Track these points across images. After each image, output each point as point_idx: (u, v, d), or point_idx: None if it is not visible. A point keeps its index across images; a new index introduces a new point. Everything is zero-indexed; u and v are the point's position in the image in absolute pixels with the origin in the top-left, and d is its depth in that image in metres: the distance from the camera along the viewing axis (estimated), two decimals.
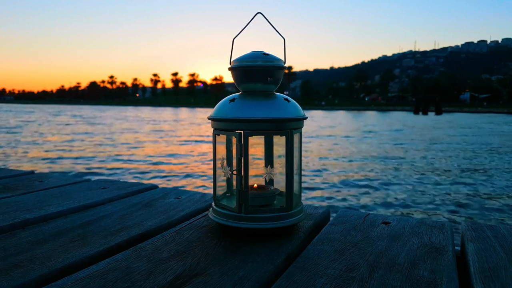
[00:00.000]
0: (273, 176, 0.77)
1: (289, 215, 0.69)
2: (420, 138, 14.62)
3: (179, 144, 12.02)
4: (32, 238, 0.68)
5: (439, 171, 7.55)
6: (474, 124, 25.19)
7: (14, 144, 11.39)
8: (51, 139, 12.92)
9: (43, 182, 1.13)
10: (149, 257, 0.60)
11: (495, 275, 0.54)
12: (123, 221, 0.77)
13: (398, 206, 5.00)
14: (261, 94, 0.71)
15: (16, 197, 0.95)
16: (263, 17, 0.71)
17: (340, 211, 0.85)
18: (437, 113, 45.89)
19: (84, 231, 0.71)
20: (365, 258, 0.60)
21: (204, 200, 0.93)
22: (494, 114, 50.88)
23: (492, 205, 5.09)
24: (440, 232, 0.72)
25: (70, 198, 0.93)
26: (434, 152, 10.45)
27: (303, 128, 0.72)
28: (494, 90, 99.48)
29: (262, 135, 0.76)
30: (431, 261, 0.59)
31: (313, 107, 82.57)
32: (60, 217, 0.80)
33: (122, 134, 15.46)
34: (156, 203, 0.90)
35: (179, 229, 0.73)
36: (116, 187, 1.06)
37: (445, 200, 5.34)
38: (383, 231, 0.73)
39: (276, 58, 0.71)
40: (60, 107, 73.02)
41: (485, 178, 6.98)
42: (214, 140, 0.73)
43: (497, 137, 15.54)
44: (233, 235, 0.69)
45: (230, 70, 0.72)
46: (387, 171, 7.45)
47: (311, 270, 0.56)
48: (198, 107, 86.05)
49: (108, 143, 12.02)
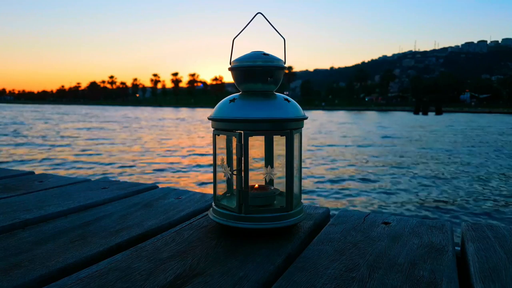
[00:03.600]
0: (273, 176, 0.77)
1: (289, 215, 0.69)
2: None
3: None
4: (32, 238, 0.68)
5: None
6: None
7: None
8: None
9: (43, 182, 1.13)
10: (149, 257, 0.60)
11: (495, 275, 0.54)
12: (123, 221, 0.77)
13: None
14: (261, 94, 0.71)
15: (16, 197, 0.95)
16: (263, 17, 0.71)
17: (340, 211, 0.85)
18: (437, 113, 45.89)
19: (84, 231, 0.71)
20: (365, 258, 0.60)
21: (204, 200, 0.93)
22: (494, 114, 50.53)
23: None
24: (440, 232, 0.72)
25: (70, 198, 0.93)
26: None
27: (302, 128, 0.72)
28: (494, 90, 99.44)
29: (262, 135, 0.76)
30: (431, 261, 0.59)
31: (314, 107, 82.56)
32: (60, 217, 0.80)
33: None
34: (156, 203, 0.90)
35: (179, 229, 0.73)
36: (116, 187, 1.06)
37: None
38: (383, 231, 0.73)
39: (276, 58, 0.71)
40: (67, 107, 71.68)
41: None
42: (214, 140, 0.73)
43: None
44: (233, 235, 0.69)
45: (230, 70, 0.72)
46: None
47: (311, 270, 0.56)
48: (198, 107, 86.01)
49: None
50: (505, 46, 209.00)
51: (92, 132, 16.67)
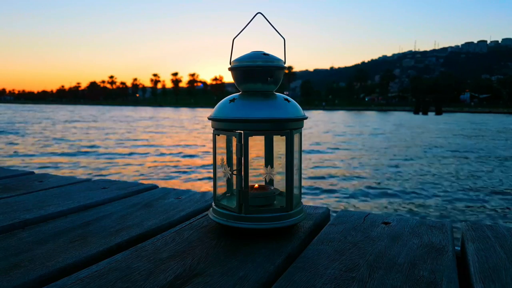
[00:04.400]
0: (273, 176, 0.77)
1: (289, 215, 0.69)
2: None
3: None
4: (32, 238, 0.68)
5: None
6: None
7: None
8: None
9: (43, 182, 1.13)
10: (149, 257, 0.60)
11: (495, 275, 0.54)
12: (123, 221, 0.77)
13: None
14: (261, 94, 0.71)
15: (16, 197, 0.95)
16: (263, 17, 0.71)
17: (340, 211, 0.85)
18: (437, 113, 45.89)
19: (84, 231, 0.71)
20: (365, 258, 0.60)
21: (204, 200, 0.93)
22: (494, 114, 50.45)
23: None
24: (440, 232, 0.72)
25: (70, 198, 0.93)
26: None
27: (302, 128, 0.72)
28: (494, 90, 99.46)
29: (262, 135, 0.76)
30: (431, 261, 0.59)
31: (314, 107, 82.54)
32: (60, 217, 0.80)
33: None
34: (156, 203, 0.90)
35: (179, 229, 0.73)
36: (116, 187, 1.06)
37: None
38: (383, 231, 0.73)
39: (276, 58, 0.71)
40: (69, 107, 70.79)
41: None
42: (214, 140, 0.73)
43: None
44: (233, 235, 0.69)
45: (230, 70, 0.72)
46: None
47: (311, 270, 0.56)
48: (198, 107, 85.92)
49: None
50: (505, 46, 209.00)
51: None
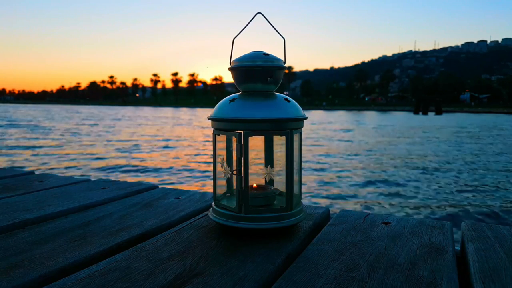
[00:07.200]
0: (273, 176, 0.77)
1: (289, 215, 0.69)
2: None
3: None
4: (32, 238, 0.68)
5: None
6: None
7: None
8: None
9: (43, 182, 1.13)
10: (149, 257, 0.60)
11: (495, 275, 0.54)
12: (123, 221, 0.77)
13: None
14: (261, 94, 0.71)
15: (16, 197, 0.95)
16: (263, 17, 0.71)
17: (340, 211, 0.85)
18: (437, 113, 45.89)
19: (84, 231, 0.71)
20: (365, 258, 0.60)
21: (204, 200, 0.93)
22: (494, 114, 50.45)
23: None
24: (440, 232, 0.72)
25: (70, 198, 0.93)
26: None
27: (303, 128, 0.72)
28: (494, 90, 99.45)
29: (262, 135, 0.76)
30: (431, 261, 0.59)
31: (314, 107, 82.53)
32: (60, 217, 0.80)
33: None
34: (156, 203, 0.90)
35: (179, 229, 0.73)
36: (116, 187, 1.06)
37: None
38: (383, 231, 0.73)
39: (276, 58, 0.71)
40: (73, 107, 70.30)
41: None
42: (214, 140, 0.73)
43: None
44: (233, 235, 0.69)
45: (230, 70, 0.72)
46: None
47: (311, 270, 0.56)
48: (198, 107, 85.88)
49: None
50: (505, 46, 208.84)
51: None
